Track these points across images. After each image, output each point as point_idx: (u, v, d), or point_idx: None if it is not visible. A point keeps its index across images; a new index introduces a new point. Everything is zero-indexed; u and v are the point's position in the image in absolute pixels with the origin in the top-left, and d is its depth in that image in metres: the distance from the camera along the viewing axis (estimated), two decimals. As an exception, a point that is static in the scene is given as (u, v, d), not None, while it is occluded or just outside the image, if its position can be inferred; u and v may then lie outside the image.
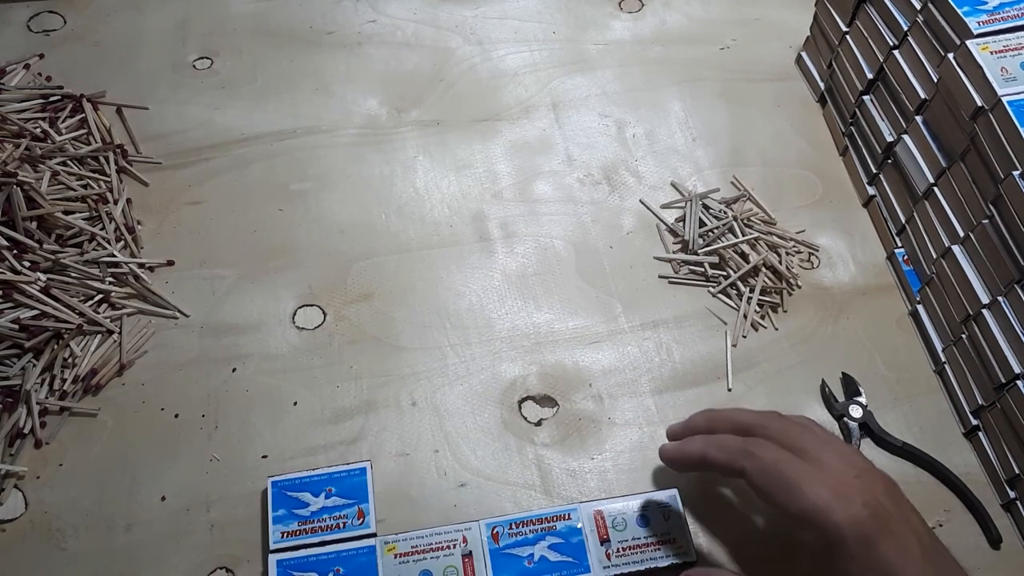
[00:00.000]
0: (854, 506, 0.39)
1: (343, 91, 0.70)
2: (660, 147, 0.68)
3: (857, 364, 0.58)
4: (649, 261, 0.62)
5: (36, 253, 0.55)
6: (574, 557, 0.47)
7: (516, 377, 0.56)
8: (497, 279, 0.61)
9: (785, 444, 0.43)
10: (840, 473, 0.41)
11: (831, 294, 0.61)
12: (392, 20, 0.75)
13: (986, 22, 0.53)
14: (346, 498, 0.48)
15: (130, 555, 0.49)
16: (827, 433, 0.45)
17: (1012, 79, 0.51)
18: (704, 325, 0.59)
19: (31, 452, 0.52)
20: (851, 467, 0.42)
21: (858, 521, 0.39)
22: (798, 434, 0.44)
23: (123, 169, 0.63)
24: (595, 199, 0.65)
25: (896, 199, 0.62)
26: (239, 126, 0.67)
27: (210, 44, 0.72)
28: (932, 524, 0.52)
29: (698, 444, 0.46)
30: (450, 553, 0.47)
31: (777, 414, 0.47)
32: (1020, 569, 0.51)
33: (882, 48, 0.61)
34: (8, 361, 0.53)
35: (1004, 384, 0.51)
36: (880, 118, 0.62)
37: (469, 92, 0.71)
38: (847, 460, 0.42)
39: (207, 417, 0.54)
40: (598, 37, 0.75)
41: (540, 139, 0.68)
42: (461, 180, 0.65)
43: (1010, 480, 0.52)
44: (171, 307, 0.58)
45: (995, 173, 0.51)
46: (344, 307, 0.59)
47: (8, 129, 0.60)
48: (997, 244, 0.51)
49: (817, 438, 0.44)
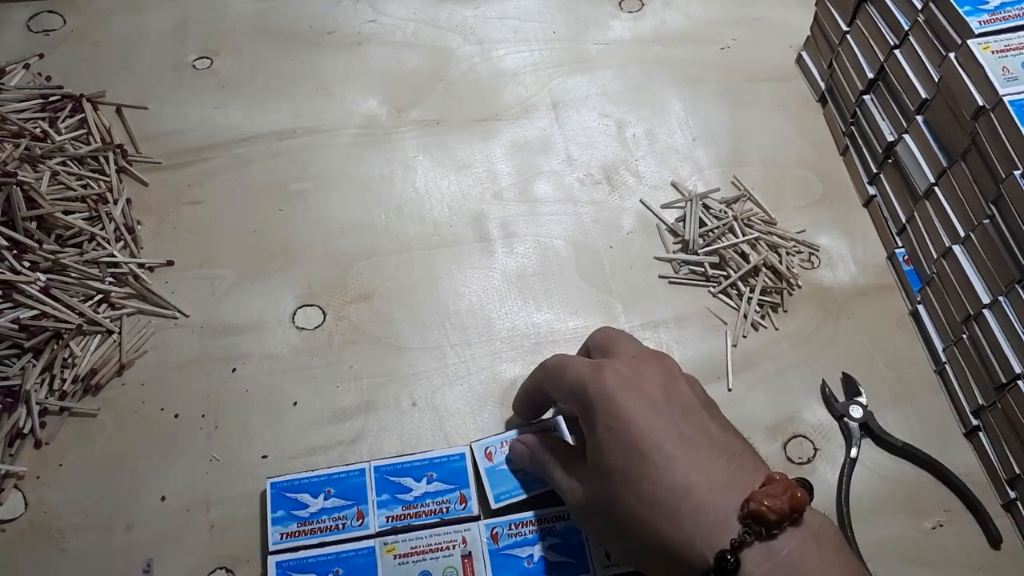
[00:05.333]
0: (602, 372, 0.43)
1: (343, 91, 0.70)
2: (660, 147, 0.68)
3: (857, 364, 0.58)
4: (649, 261, 0.62)
5: (36, 253, 0.55)
6: (574, 557, 0.47)
7: (516, 377, 0.56)
8: (497, 279, 0.61)
9: (577, 354, 0.48)
10: (614, 357, 0.45)
11: (831, 294, 0.61)
12: (392, 20, 0.75)
13: (987, 21, 0.53)
14: (345, 499, 0.48)
15: (130, 555, 0.49)
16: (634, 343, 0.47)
17: (1013, 78, 0.50)
18: (704, 325, 0.59)
19: (31, 452, 0.52)
20: (623, 357, 0.45)
21: (604, 380, 0.42)
22: (590, 344, 0.49)
23: (123, 169, 0.63)
24: (595, 199, 0.65)
25: (897, 199, 0.62)
26: (239, 126, 0.67)
27: (210, 44, 0.72)
28: (932, 524, 0.52)
29: (525, 382, 0.51)
30: (449, 554, 0.47)
31: None
32: (1020, 569, 0.51)
33: (883, 48, 0.61)
34: (8, 361, 0.53)
35: (1005, 384, 0.51)
36: (881, 118, 0.62)
37: (469, 92, 0.71)
38: (630, 351, 0.46)
39: (207, 417, 0.54)
40: (598, 37, 0.75)
41: (540, 139, 0.68)
42: (461, 180, 0.65)
43: (1010, 480, 0.52)
44: (171, 307, 0.58)
45: (996, 173, 0.51)
46: (344, 307, 0.59)
47: (8, 129, 0.60)
48: (998, 244, 0.51)
49: (609, 348, 0.47)
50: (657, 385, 0.42)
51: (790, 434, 0.55)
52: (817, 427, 0.56)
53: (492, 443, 0.50)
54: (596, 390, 0.42)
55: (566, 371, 0.45)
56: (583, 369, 0.44)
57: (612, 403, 0.41)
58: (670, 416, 0.41)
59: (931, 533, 0.52)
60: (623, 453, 0.40)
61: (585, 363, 0.45)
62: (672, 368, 0.44)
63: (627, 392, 0.42)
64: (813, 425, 0.56)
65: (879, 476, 0.54)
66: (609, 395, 0.42)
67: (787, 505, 0.36)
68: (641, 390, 0.42)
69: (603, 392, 0.42)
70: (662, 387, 0.42)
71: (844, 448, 0.55)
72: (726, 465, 0.39)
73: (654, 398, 0.41)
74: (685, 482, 0.38)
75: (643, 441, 0.40)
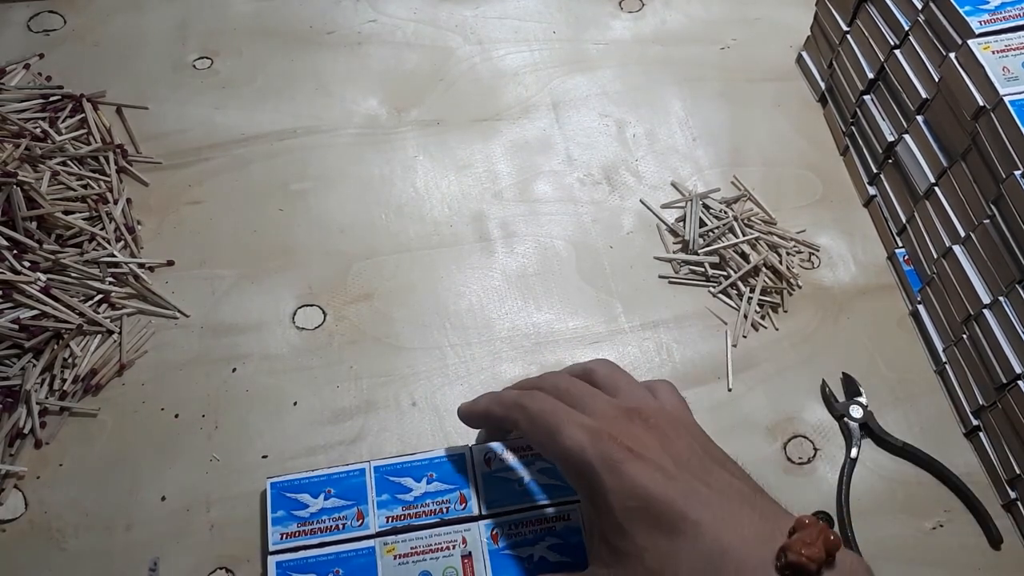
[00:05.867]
0: (603, 441, 0.40)
1: (343, 91, 0.70)
2: (660, 147, 0.68)
3: (857, 364, 0.58)
4: (649, 261, 0.62)
5: (36, 253, 0.55)
6: (574, 558, 0.47)
7: (516, 377, 0.56)
8: (497, 279, 0.61)
9: (555, 394, 0.44)
10: (600, 414, 0.42)
11: (831, 294, 0.61)
12: (392, 20, 0.75)
13: (987, 21, 0.53)
14: (345, 499, 0.48)
15: (130, 555, 0.49)
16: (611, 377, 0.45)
17: (1014, 78, 0.50)
18: (704, 325, 0.59)
19: (31, 452, 0.52)
20: (613, 408, 0.42)
21: (606, 453, 0.39)
22: (568, 384, 0.45)
23: (123, 169, 0.63)
24: (595, 199, 0.65)
25: (897, 199, 0.62)
26: (239, 126, 0.67)
27: (210, 44, 0.72)
28: (932, 524, 0.52)
29: (484, 401, 0.47)
30: (449, 554, 0.47)
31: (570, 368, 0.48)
32: (1020, 570, 0.51)
33: (883, 48, 0.61)
34: (8, 361, 0.53)
35: (1005, 384, 0.51)
36: (881, 118, 0.62)
37: (469, 92, 0.71)
38: (611, 403, 0.43)
39: (207, 417, 0.54)
40: (598, 37, 0.75)
41: (540, 139, 0.68)
42: (461, 180, 0.65)
43: (1011, 480, 0.52)
44: (171, 307, 0.58)
45: (996, 173, 0.51)
46: (344, 307, 0.59)
47: (8, 129, 0.60)
48: (998, 244, 0.51)
49: (587, 386, 0.44)
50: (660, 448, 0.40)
51: (790, 434, 0.55)
52: (817, 427, 0.56)
53: (492, 449, 0.50)
54: (601, 465, 0.39)
55: (559, 434, 0.41)
56: (579, 437, 0.40)
57: (623, 479, 0.39)
58: (684, 480, 0.39)
59: (931, 533, 0.52)
60: (648, 531, 0.38)
61: (579, 426, 0.41)
62: (672, 414, 0.43)
63: (634, 464, 0.39)
64: (813, 425, 0.56)
65: (879, 476, 0.54)
66: (617, 470, 0.39)
67: (823, 551, 0.36)
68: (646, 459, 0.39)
69: (609, 467, 0.39)
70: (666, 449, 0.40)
71: (844, 448, 0.55)
72: (751, 516, 0.38)
73: (663, 464, 0.39)
74: (719, 546, 0.37)
75: (667, 514, 0.38)
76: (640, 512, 0.38)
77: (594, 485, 0.40)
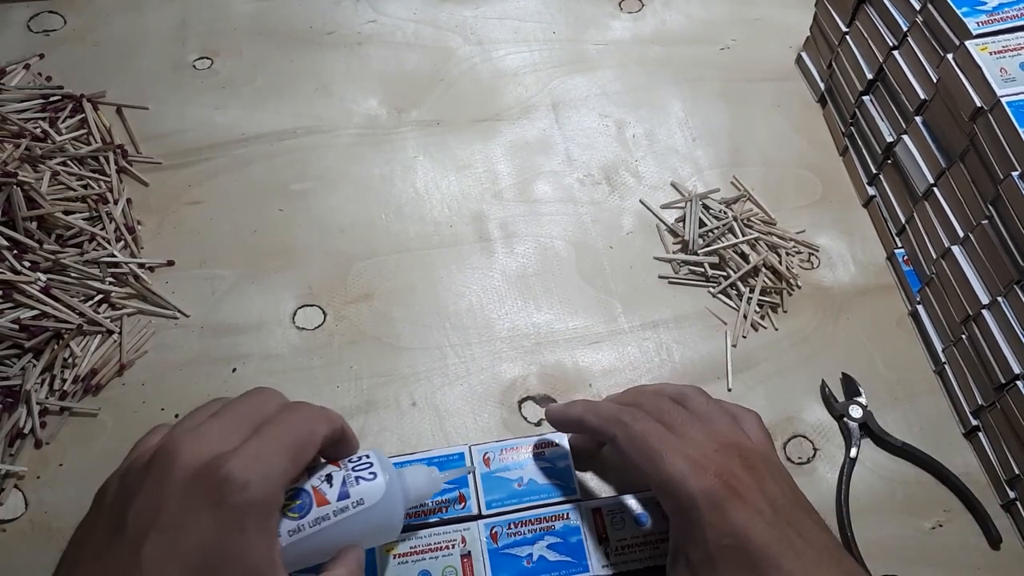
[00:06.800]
0: (707, 476, 0.41)
1: (343, 91, 0.70)
2: (660, 147, 0.68)
3: (857, 364, 0.58)
4: (649, 261, 0.62)
5: (36, 253, 0.55)
6: (573, 557, 0.47)
7: (516, 377, 0.56)
8: (497, 279, 0.61)
9: (657, 416, 0.44)
10: (701, 446, 0.42)
11: (831, 294, 0.61)
12: (392, 20, 0.75)
13: (985, 23, 0.53)
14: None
15: (130, 555, 0.49)
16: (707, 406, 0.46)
17: (1011, 80, 0.51)
18: (704, 325, 0.59)
19: (31, 452, 0.52)
20: (713, 441, 0.43)
21: (710, 490, 0.40)
22: (669, 408, 0.45)
23: (123, 169, 0.63)
24: (595, 199, 0.65)
25: (896, 199, 0.62)
26: (239, 126, 0.67)
27: (210, 44, 0.72)
28: (932, 524, 0.52)
29: (578, 407, 0.48)
30: (449, 553, 0.47)
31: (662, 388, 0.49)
32: (1020, 569, 0.51)
33: (882, 48, 0.61)
34: (8, 361, 0.53)
35: (1004, 384, 0.51)
36: (880, 118, 0.62)
37: (469, 92, 0.71)
38: (711, 435, 0.44)
39: (207, 417, 0.54)
40: (598, 37, 0.75)
41: (540, 139, 0.68)
42: (461, 180, 0.65)
43: (1010, 480, 0.52)
44: (171, 307, 0.58)
45: (994, 174, 0.51)
46: (344, 307, 0.59)
47: (8, 129, 0.60)
48: (997, 244, 0.51)
49: (686, 413, 0.45)
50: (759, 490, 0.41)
51: (790, 434, 0.55)
52: (817, 427, 0.56)
53: (492, 449, 0.50)
54: (704, 500, 0.40)
55: (662, 461, 0.42)
56: (682, 467, 0.41)
57: (724, 517, 0.40)
58: (780, 528, 0.40)
59: (931, 533, 0.52)
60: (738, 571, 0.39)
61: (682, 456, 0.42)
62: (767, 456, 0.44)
63: (736, 504, 0.40)
64: (813, 425, 0.56)
65: (879, 476, 0.54)
66: (720, 507, 0.40)
67: None
68: (747, 500, 0.40)
69: (712, 503, 0.40)
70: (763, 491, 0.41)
71: (844, 448, 0.55)
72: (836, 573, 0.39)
73: (760, 508, 0.40)
74: None
75: (762, 560, 0.39)
76: (734, 551, 0.39)
77: (692, 516, 0.40)
